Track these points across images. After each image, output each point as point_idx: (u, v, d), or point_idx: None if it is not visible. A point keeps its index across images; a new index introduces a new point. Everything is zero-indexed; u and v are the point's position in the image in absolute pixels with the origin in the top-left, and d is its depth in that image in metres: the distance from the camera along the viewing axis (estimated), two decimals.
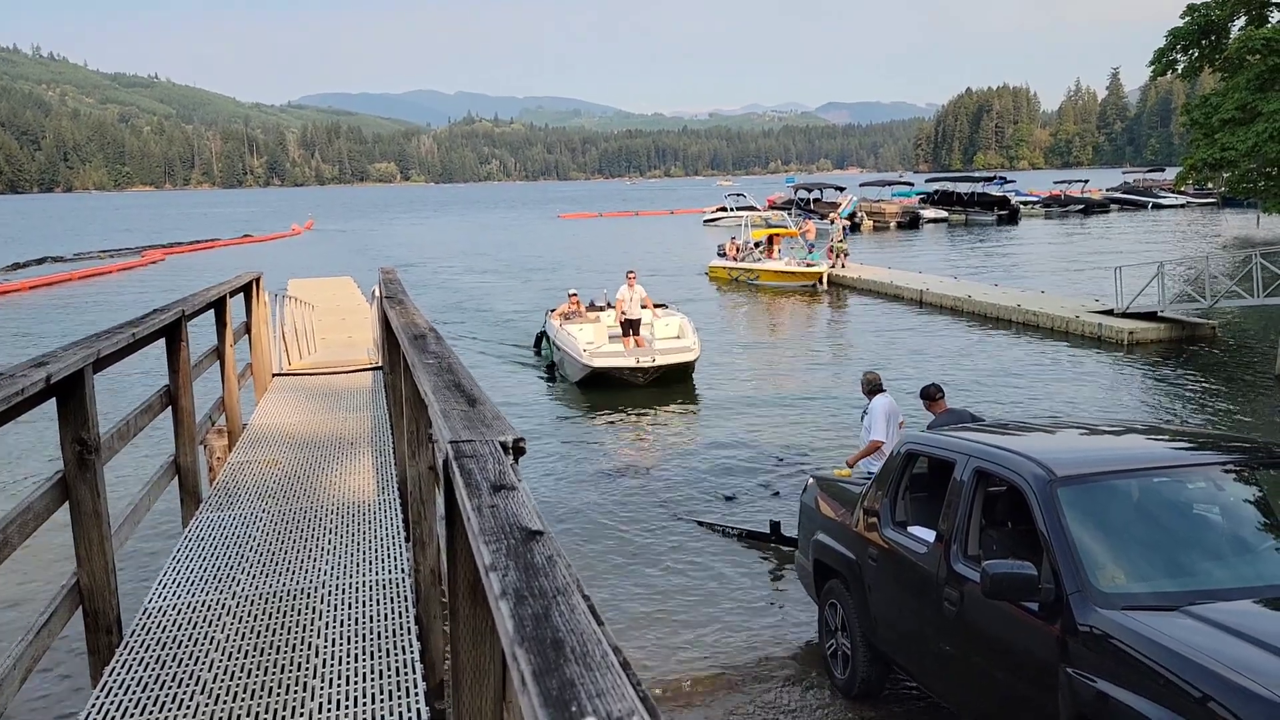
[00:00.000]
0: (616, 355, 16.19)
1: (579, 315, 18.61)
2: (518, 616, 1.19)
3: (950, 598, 5.05)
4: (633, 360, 15.83)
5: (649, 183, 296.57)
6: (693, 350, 16.42)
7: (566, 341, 16.84)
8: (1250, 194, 32.21)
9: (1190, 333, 18.85)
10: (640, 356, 15.93)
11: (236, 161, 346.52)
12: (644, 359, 15.83)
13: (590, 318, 18.64)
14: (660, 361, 15.89)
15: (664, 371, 15.92)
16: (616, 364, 15.83)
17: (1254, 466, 5.14)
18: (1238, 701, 3.45)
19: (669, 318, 18.72)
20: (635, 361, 15.79)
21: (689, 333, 17.53)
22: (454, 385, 2.92)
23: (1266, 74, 27.88)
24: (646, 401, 15.17)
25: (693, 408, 14.99)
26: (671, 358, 16.10)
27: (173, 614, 4.34)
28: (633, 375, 15.76)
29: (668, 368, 15.97)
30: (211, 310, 7.57)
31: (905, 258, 37.64)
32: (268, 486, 6.41)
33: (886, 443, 8.61)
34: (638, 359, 15.84)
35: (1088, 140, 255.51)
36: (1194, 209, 62.68)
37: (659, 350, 16.43)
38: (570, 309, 18.84)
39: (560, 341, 17.22)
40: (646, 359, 15.82)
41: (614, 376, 15.77)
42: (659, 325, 18.26)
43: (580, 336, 17.12)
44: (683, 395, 15.71)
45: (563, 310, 18.87)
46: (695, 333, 17.51)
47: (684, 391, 15.88)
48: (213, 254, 51.46)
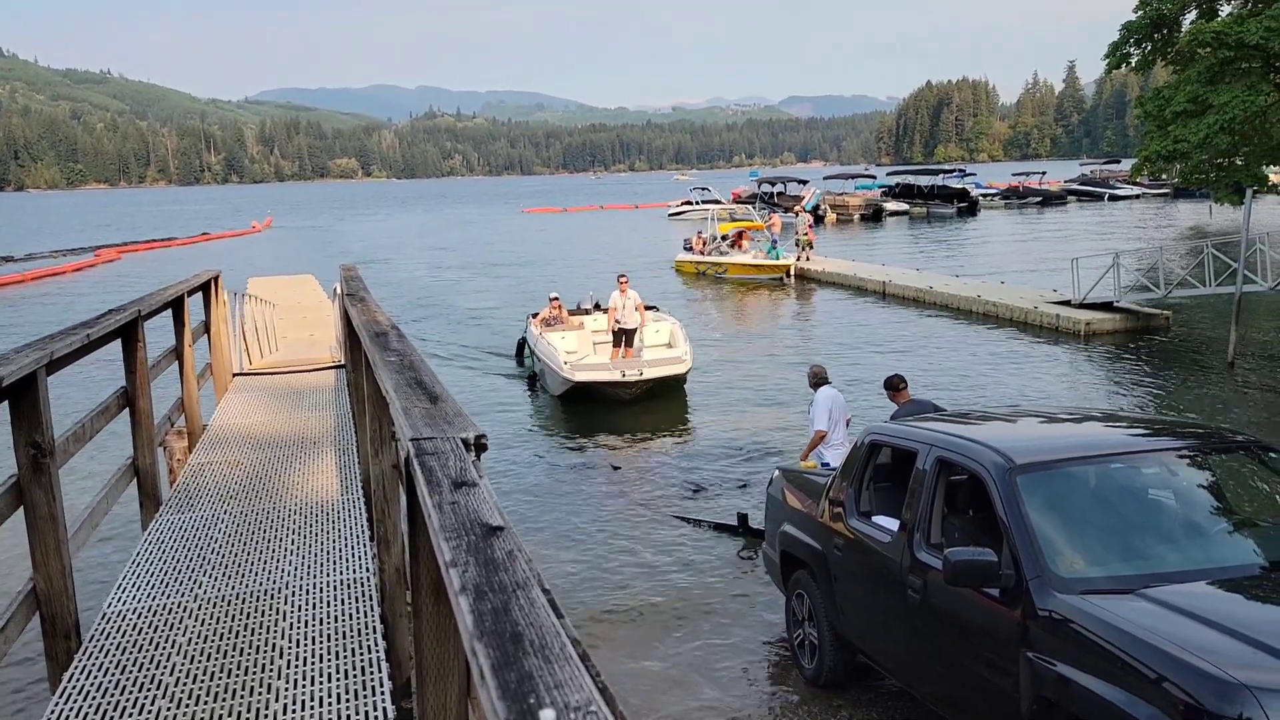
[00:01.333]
0: (601, 368, 14.93)
1: (561, 321, 17.25)
2: (477, 611, 1.20)
3: (914, 586, 5.12)
4: (618, 373, 14.43)
5: (614, 177, 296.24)
6: (684, 361, 15.01)
7: (546, 352, 15.43)
8: (1202, 185, 32.88)
9: (1145, 322, 19.19)
10: (626, 369, 14.52)
11: (193, 158, 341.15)
12: (630, 372, 14.41)
13: (574, 324, 17.32)
14: (649, 374, 14.44)
15: (653, 385, 14.55)
16: (600, 377, 14.55)
17: (1206, 452, 5.26)
18: (1191, 680, 3.53)
19: (659, 323, 17.28)
20: (621, 375, 14.36)
21: (680, 340, 16.10)
22: (415, 382, 2.91)
23: (1217, 67, 28.41)
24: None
25: (660, 400, 14.93)
26: (661, 370, 14.65)
27: (133, 618, 4.29)
28: (619, 390, 14.39)
29: (657, 381, 14.54)
30: (169, 310, 7.46)
31: (868, 250, 37.95)
32: (229, 488, 6.34)
33: (831, 433, 8.83)
34: (623, 372, 14.42)
35: (1045, 132, 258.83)
36: (1149, 200, 63.71)
37: (647, 362, 15.04)
38: (552, 314, 17.38)
39: (540, 351, 15.81)
40: (633, 372, 14.40)
41: (598, 391, 14.50)
42: (648, 332, 16.78)
43: (561, 346, 15.87)
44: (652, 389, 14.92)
45: (544, 316, 17.40)
46: (687, 340, 16.06)
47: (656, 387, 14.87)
48: (170, 253, 50.67)
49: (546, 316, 17.30)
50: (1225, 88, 27.88)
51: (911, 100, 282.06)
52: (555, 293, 18.09)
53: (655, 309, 18.14)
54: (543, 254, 42.90)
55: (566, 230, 60.10)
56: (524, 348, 17.90)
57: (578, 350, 16.36)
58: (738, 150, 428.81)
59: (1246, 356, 16.24)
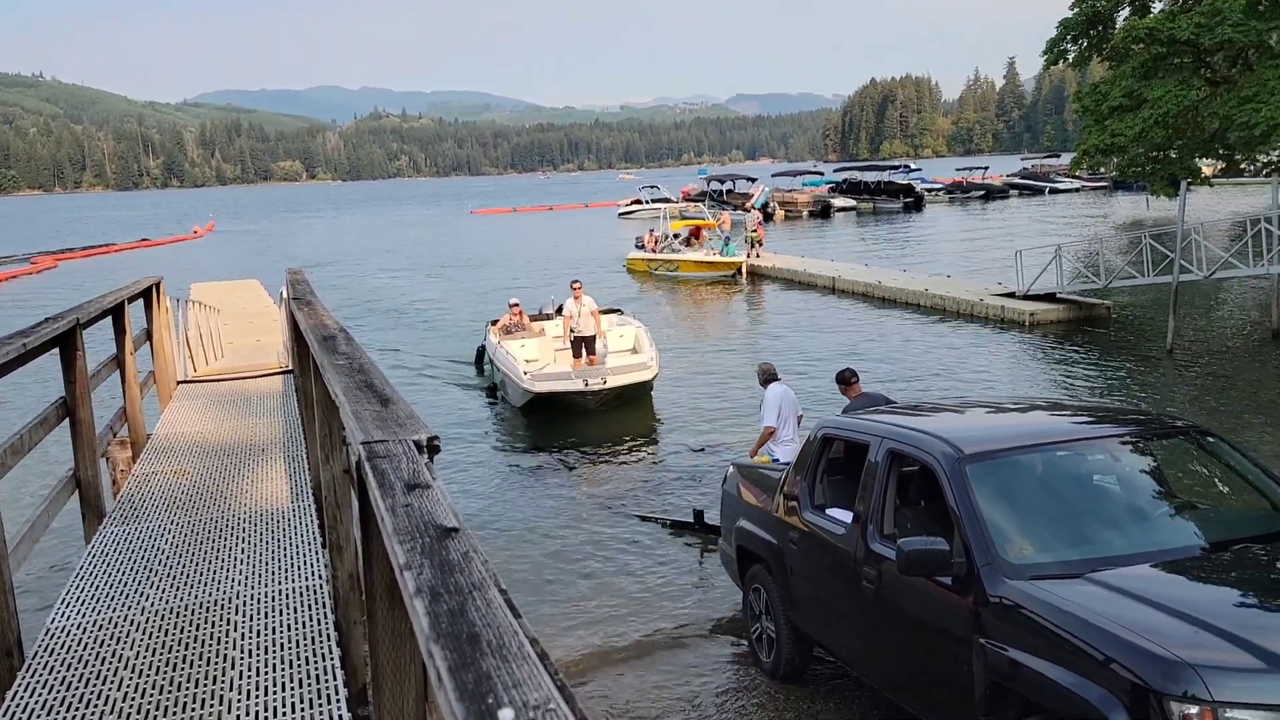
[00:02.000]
0: (562, 377, 14.13)
1: (522, 328, 16.55)
2: (433, 613, 1.18)
3: (868, 576, 5.17)
4: (580, 382, 13.74)
5: (563, 176, 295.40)
6: (649, 367, 14.34)
7: (505, 361, 14.80)
8: (1139, 177, 33.71)
9: (1087, 312, 19.61)
10: (589, 378, 13.84)
11: (131, 163, 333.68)
12: (593, 380, 13.72)
13: (534, 330, 16.61)
14: (613, 383, 13.74)
15: (618, 393, 13.88)
16: (562, 387, 13.76)
17: (1148, 438, 5.39)
18: (1136, 660, 3.62)
19: (623, 327, 16.61)
20: (584, 384, 13.68)
21: (646, 345, 15.43)
22: (366, 385, 2.87)
23: (1150, 63, 29.13)
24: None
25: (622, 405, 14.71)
26: (625, 378, 13.99)
27: (77, 633, 4.18)
28: (582, 399, 13.72)
29: (622, 389, 13.87)
30: (109, 317, 7.28)
31: (818, 246, 38.29)
32: (175, 497, 6.21)
33: (781, 429, 8.94)
34: (586, 381, 13.73)
35: (988, 128, 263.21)
36: (1088, 193, 65.08)
37: (611, 369, 14.36)
38: (512, 321, 16.65)
39: (499, 361, 15.20)
40: (596, 380, 13.70)
41: (560, 401, 13.80)
42: (612, 337, 16.13)
43: (520, 355, 15.18)
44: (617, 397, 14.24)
45: (504, 323, 16.67)
46: (653, 345, 15.36)
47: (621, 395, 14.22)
48: (109, 259, 49.52)
49: (506, 323, 16.64)
50: (1159, 83, 28.61)
51: (857, 97, 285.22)
52: (515, 298, 17.44)
53: (620, 312, 17.57)
54: (494, 255, 42.65)
55: (517, 231, 59.83)
56: (483, 356, 17.30)
57: (539, 359, 15.72)
58: (686, 148, 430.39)
59: (1184, 343, 16.67)
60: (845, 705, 6.04)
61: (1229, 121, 27.26)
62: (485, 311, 20.95)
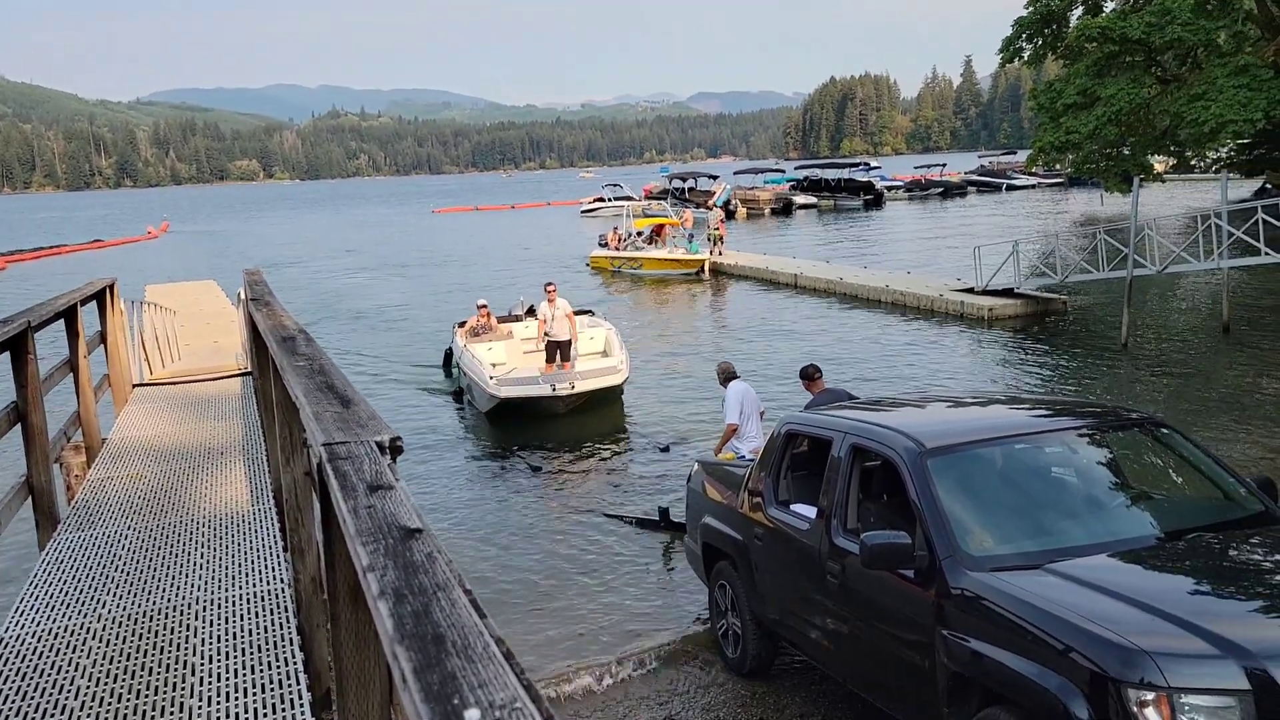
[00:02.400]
0: (529, 382, 13.59)
1: (490, 330, 16.12)
2: (397, 615, 1.17)
3: (833, 571, 5.21)
4: (548, 387, 13.27)
5: (526, 175, 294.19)
6: (620, 370, 13.88)
7: (472, 365, 14.33)
8: (1094, 174, 34.28)
9: (1045, 307, 19.92)
10: (557, 382, 13.36)
11: (82, 162, 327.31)
12: (561, 385, 13.27)
13: (502, 332, 16.14)
14: (581, 387, 13.34)
15: (587, 398, 13.51)
16: (529, 393, 13.34)
17: (1105, 430, 5.48)
18: (1094, 648, 3.68)
19: (593, 329, 16.17)
20: (551, 389, 13.22)
21: (616, 348, 15.09)
22: (326, 387, 2.84)
23: (1103, 61, 29.64)
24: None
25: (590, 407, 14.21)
26: (594, 382, 13.57)
27: (32, 642, 4.10)
28: (550, 404, 13.30)
29: (591, 394, 13.48)
30: (62, 320, 7.14)
31: (780, 244, 38.51)
32: (132, 502, 6.11)
33: (744, 426, 9.02)
34: (554, 385, 13.27)
35: (946, 125, 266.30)
36: (1044, 189, 66.04)
37: (580, 373, 13.90)
38: (480, 323, 16.17)
39: (465, 365, 14.74)
40: (564, 385, 13.26)
41: (528, 407, 13.40)
42: (582, 339, 15.61)
43: (487, 359, 14.73)
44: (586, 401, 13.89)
45: (472, 324, 16.19)
46: (624, 348, 15.03)
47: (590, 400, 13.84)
48: (60, 261, 48.54)
49: (475, 325, 16.19)
50: (1111, 81, 29.12)
51: (817, 95, 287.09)
52: (483, 299, 16.98)
53: (590, 313, 17.21)
54: (457, 255, 42.40)
55: (479, 230, 59.52)
56: (451, 359, 16.80)
57: (506, 362, 15.28)
58: (648, 146, 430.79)
59: (1139, 336, 16.99)
60: (811, 700, 6.08)
61: (1179, 119, 27.82)
62: (449, 312, 20.74)
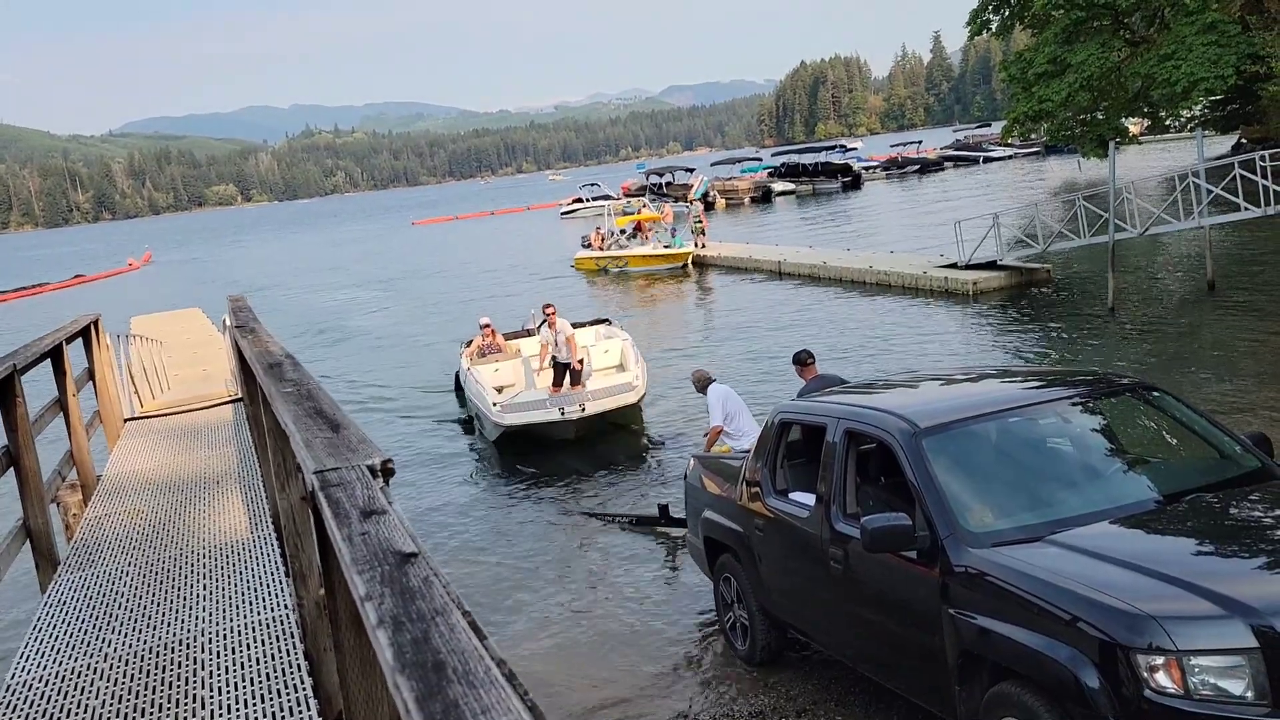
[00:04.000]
0: (535, 406, 12.47)
1: (496, 349, 14.80)
2: (396, 644, 1.17)
3: (835, 557, 5.22)
4: (555, 411, 12.00)
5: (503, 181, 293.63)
6: (635, 388, 12.58)
7: (476, 391, 13.20)
8: (1070, 141, 34.39)
9: (1029, 277, 19.96)
10: (565, 405, 12.07)
11: (59, 198, 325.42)
12: (570, 409, 11.94)
13: (510, 351, 14.82)
14: (592, 409, 11.98)
15: (600, 420, 12.20)
16: (536, 419, 12.13)
17: (1097, 397, 5.50)
18: (1101, 616, 3.69)
19: (609, 340, 14.92)
20: (559, 413, 11.93)
21: (632, 362, 13.63)
22: (315, 412, 2.83)
23: (1071, 27, 29.70)
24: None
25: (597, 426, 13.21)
26: (606, 402, 12.22)
27: (39, 686, 4.08)
28: (560, 429, 12.04)
29: (603, 415, 12.16)
30: (48, 360, 7.10)
31: (761, 232, 38.53)
32: (131, 538, 6.08)
33: (736, 421, 9.20)
34: (562, 409, 11.97)
35: (919, 102, 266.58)
36: (1021, 160, 66.19)
37: (591, 393, 12.61)
38: (485, 343, 14.89)
39: (470, 391, 13.60)
40: (573, 408, 11.95)
41: (536, 434, 12.21)
42: (596, 351, 14.39)
43: (490, 382, 13.52)
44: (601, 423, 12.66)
45: (477, 345, 14.94)
46: (640, 361, 13.64)
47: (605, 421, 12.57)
48: (42, 300, 48.27)
49: (480, 346, 14.89)
50: (1081, 47, 29.19)
51: (788, 81, 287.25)
52: (485, 317, 15.54)
53: (608, 322, 16.06)
54: (440, 266, 42.29)
55: (461, 239, 59.41)
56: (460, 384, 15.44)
57: (514, 384, 14.03)
58: (624, 144, 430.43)
59: (1125, 301, 17.04)
60: (823, 686, 6.09)
61: (1151, 80, 27.91)
62: (438, 326, 20.58)
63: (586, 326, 15.52)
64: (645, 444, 12.27)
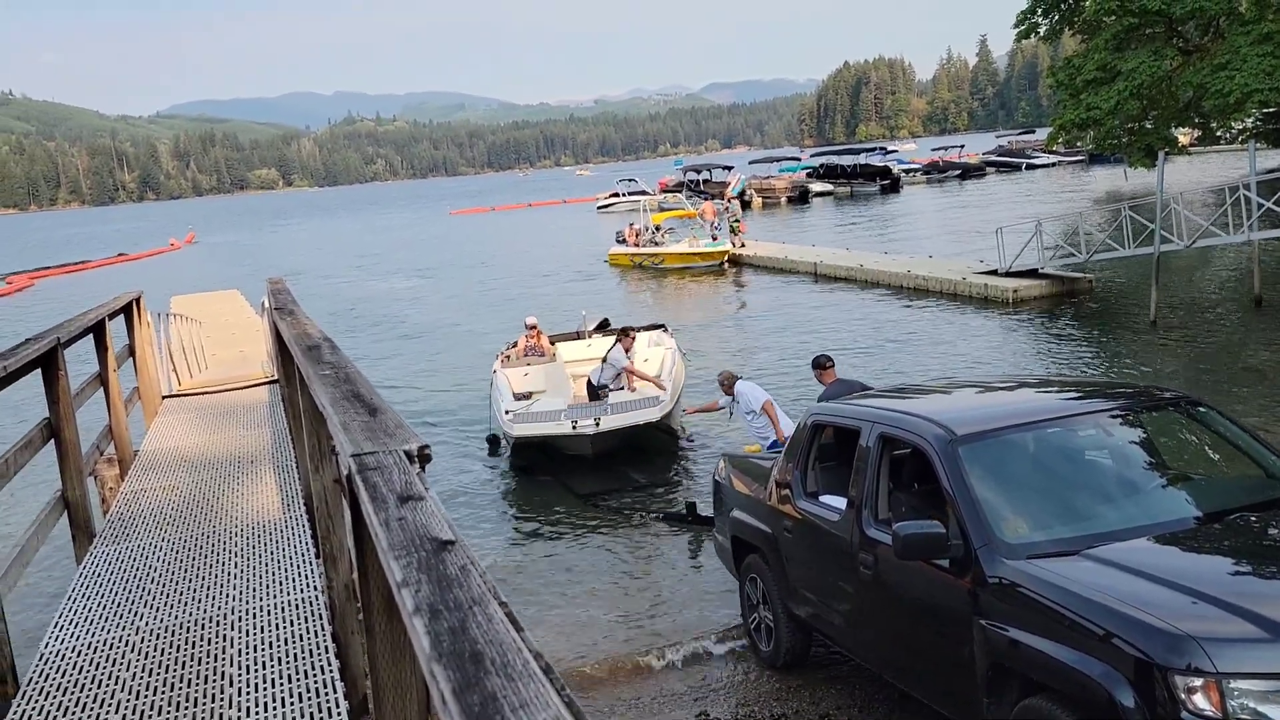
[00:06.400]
0: (549, 418, 11.38)
1: (538, 352, 13.53)
2: (433, 632, 1.16)
3: (865, 562, 5.17)
4: (569, 424, 10.91)
5: (542, 173, 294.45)
6: (661, 403, 11.34)
7: (494, 395, 12.36)
8: (1116, 149, 33.82)
9: (1070, 287, 19.68)
10: (580, 418, 10.93)
11: (106, 177, 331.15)
12: (585, 422, 10.80)
13: (548, 353, 13.57)
14: (608, 424, 10.82)
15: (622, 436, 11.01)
16: (547, 430, 11.13)
17: (1138, 410, 5.40)
18: (1138, 634, 3.62)
19: (654, 349, 13.53)
20: (572, 426, 10.84)
21: (667, 374, 12.39)
22: (353, 395, 2.83)
23: (1123, 34, 29.21)
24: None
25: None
26: (626, 417, 11.05)
27: (72, 656, 4.13)
28: (576, 444, 10.97)
29: (623, 431, 10.93)
30: (90, 335, 7.21)
31: (798, 232, 38.32)
32: (165, 514, 6.16)
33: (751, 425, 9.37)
34: (575, 422, 10.87)
35: (962, 106, 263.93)
36: (1064, 167, 65.31)
37: (610, 406, 11.48)
38: (530, 344, 13.59)
39: (491, 396, 12.63)
40: (588, 422, 10.79)
41: (552, 446, 11.32)
42: (636, 360, 12.75)
43: (509, 388, 12.52)
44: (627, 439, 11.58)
45: (522, 346, 13.66)
46: (678, 366, 12.75)
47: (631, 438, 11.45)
48: (85, 276, 49.09)
49: (525, 346, 13.65)
50: (1132, 54, 28.71)
51: (830, 81, 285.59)
52: (533, 317, 14.20)
53: (662, 327, 14.73)
54: (477, 256, 42.49)
55: (498, 230, 59.66)
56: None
57: (546, 388, 12.75)
58: (662, 140, 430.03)
59: (1168, 314, 16.75)
60: (847, 691, 6.04)
61: (1203, 90, 27.40)
62: (475, 318, 20.57)
63: (641, 331, 14.03)
64: (675, 442, 12.23)
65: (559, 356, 13.62)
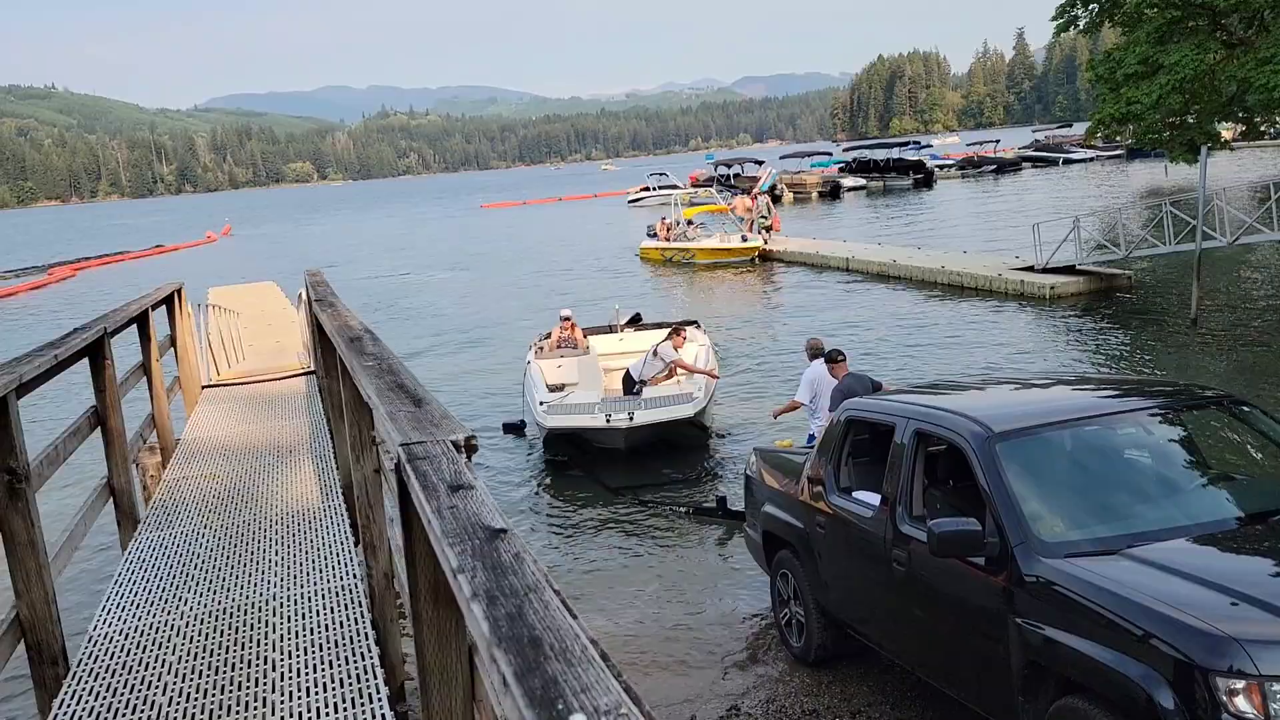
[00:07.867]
0: (583, 410, 11.29)
1: (571, 344, 13.62)
2: (492, 618, 1.18)
3: (899, 559, 5.15)
4: (602, 417, 10.86)
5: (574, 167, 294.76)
6: (694, 399, 11.27)
7: (528, 386, 12.42)
8: (1156, 144, 33.23)
9: (1108, 283, 19.44)
10: (614, 412, 10.89)
11: (145, 170, 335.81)
12: (618, 416, 10.79)
13: (582, 345, 13.61)
14: (641, 419, 10.81)
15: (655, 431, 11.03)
16: (580, 423, 11.09)
17: (1178, 409, 5.33)
18: (1179, 635, 3.59)
19: (689, 344, 13.25)
20: (605, 419, 10.81)
21: (705, 365, 12.59)
22: (397, 386, 2.88)
23: (1165, 27, 28.72)
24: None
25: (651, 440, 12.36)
26: (659, 412, 11.03)
27: (120, 639, 4.23)
28: (609, 438, 10.91)
29: (655, 426, 10.96)
30: (134, 325, 7.34)
31: (829, 227, 38.12)
32: (207, 501, 6.27)
33: (816, 403, 8.98)
34: (609, 415, 10.83)
35: (998, 100, 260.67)
36: (1103, 162, 64.37)
37: (645, 401, 11.43)
38: (564, 336, 13.73)
39: (525, 387, 12.66)
40: (621, 416, 10.78)
41: (584, 440, 11.30)
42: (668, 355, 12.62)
43: (542, 379, 12.49)
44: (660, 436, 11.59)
45: (556, 338, 13.81)
46: (711, 361, 12.89)
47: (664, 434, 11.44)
48: (124, 267, 49.80)
49: (559, 338, 13.80)
50: (1175, 47, 28.19)
51: (864, 75, 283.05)
52: (567, 310, 14.30)
53: (695, 324, 14.69)
54: (508, 249, 42.65)
55: (529, 223, 59.83)
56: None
57: (579, 380, 12.73)
58: (694, 134, 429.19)
59: (1209, 312, 16.50)
60: (879, 688, 6.03)
61: (1247, 84, 26.84)
62: (505, 310, 20.70)
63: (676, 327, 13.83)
64: (707, 437, 12.23)
65: (592, 349, 13.60)
